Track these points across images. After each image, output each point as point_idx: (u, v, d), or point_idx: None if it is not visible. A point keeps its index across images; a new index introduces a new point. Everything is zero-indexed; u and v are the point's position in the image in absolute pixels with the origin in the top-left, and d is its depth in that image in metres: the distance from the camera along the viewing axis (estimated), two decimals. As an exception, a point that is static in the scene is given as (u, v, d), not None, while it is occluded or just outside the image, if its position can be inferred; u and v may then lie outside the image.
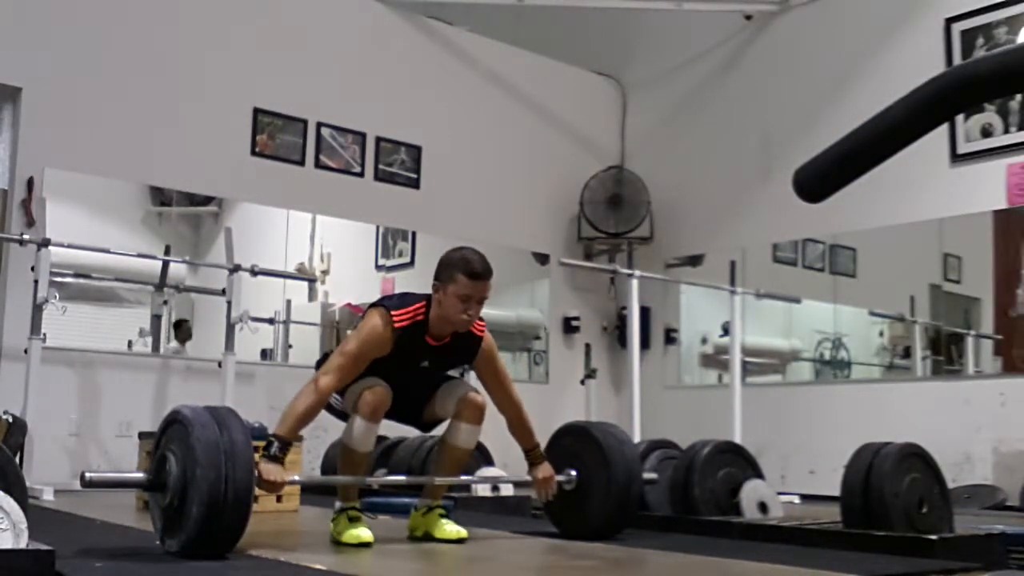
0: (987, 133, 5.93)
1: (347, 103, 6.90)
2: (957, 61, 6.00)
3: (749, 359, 6.65)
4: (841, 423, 6.18)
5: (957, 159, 6.01)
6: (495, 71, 7.64)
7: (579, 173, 7.71)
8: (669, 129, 7.91)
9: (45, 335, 4.96)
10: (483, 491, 4.76)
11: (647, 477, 3.64)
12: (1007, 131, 5.85)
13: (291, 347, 6.76)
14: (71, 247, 5.26)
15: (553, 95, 7.95)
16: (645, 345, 7.01)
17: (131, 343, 6.19)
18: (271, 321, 6.69)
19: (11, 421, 4.49)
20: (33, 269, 5.01)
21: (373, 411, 3.01)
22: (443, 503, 3.31)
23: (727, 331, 6.34)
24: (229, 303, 5.60)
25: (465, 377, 3.79)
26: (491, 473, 4.86)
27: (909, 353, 6.61)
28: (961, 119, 5.96)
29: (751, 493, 3.94)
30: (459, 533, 3.15)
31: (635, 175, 7.72)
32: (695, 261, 7.59)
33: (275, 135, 6.55)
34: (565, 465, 3.41)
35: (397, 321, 3.02)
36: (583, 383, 7.04)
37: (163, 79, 6.09)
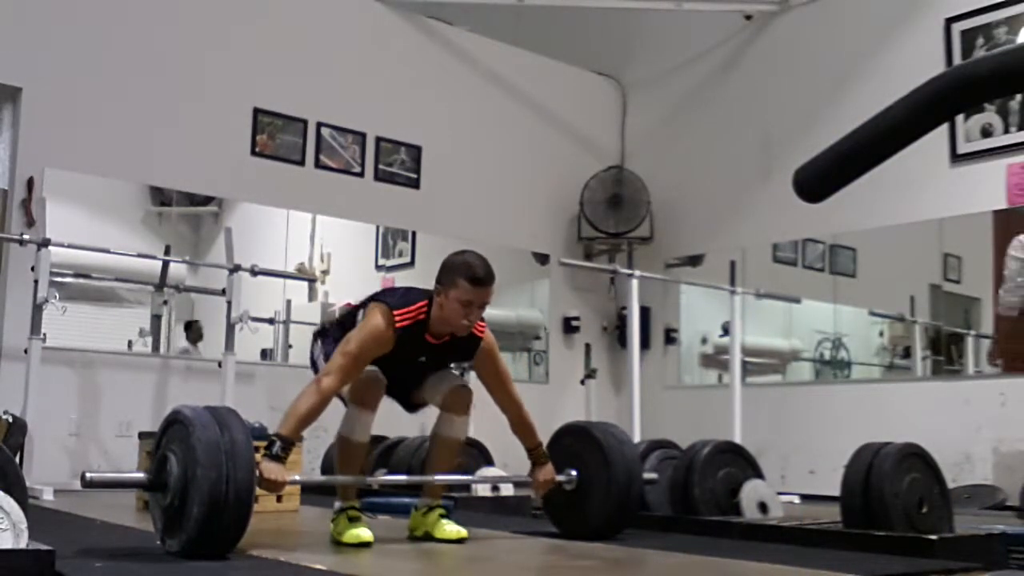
0: (987, 133, 5.92)
1: (347, 103, 6.89)
2: (957, 61, 5.99)
3: (749, 359, 6.64)
4: (841, 423, 6.17)
5: (957, 159, 6.01)
6: (495, 71, 7.63)
7: (579, 173, 7.71)
8: (669, 129, 7.90)
9: (45, 335, 4.96)
10: (483, 491, 4.76)
11: (647, 477, 3.64)
12: (1007, 131, 5.85)
13: (291, 347, 6.75)
14: (71, 247, 5.25)
15: (553, 95, 7.94)
16: (645, 345, 7.00)
17: (131, 343, 6.19)
18: (271, 321, 6.69)
19: (11, 421, 4.49)
20: (33, 269, 5.01)
21: (368, 401, 3.06)
22: (443, 503, 3.32)
23: (727, 331, 6.33)
24: (229, 303, 5.60)
25: (465, 378, 3.79)
26: (491, 473, 4.86)
27: (909, 353, 6.61)
28: (961, 119, 5.96)
29: (751, 493, 3.94)
30: (459, 533, 3.15)
31: (635, 175, 7.72)
32: (695, 261, 7.58)
33: (275, 135, 6.55)
34: (565, 465, 3.41)
35: (399, 321, 3.02)
36: (583, 383, 7.04)
37: (163, 79, 6.09)
